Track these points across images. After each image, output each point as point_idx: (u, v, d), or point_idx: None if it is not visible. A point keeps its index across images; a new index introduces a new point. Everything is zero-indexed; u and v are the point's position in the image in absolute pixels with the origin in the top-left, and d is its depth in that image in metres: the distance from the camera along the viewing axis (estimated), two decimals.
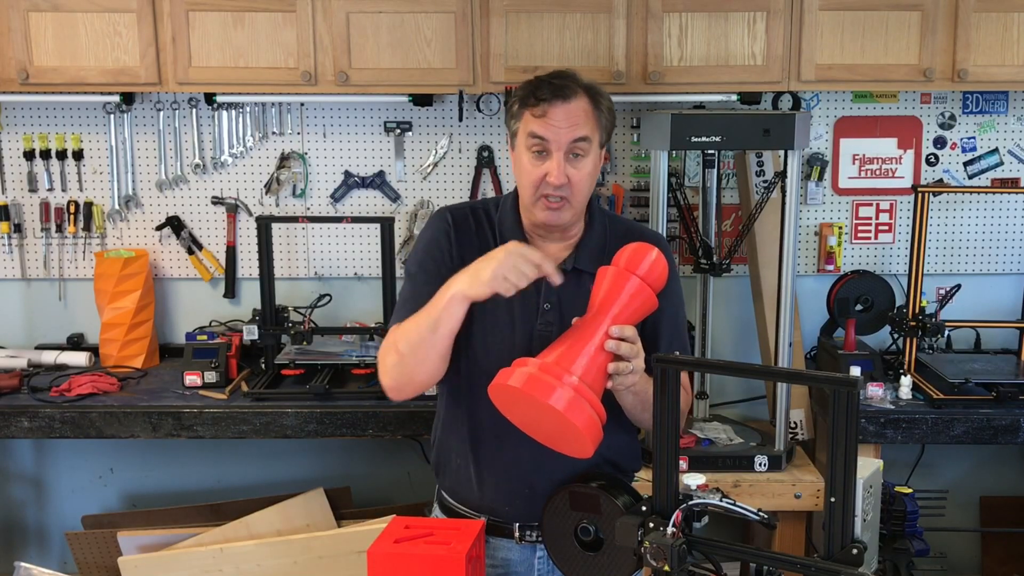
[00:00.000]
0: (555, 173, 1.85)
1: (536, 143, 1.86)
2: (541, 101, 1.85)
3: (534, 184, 1.87)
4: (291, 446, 3.49)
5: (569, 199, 1.88)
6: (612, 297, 1.72)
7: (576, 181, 1.87)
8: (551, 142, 1.85)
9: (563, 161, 1.85)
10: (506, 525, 1.97)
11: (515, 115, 1.92)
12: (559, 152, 1.85)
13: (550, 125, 1.85)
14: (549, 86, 1.87)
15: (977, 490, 3.59)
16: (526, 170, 1.89)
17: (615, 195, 3.33)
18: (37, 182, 3.36)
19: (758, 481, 2.82)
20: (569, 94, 1.86)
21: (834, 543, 1.47)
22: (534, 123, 1.86)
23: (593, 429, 1.65)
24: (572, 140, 1.85)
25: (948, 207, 3.42)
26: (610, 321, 1.70)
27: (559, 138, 1.85)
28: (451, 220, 1.99)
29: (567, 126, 1.85)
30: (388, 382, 1.91)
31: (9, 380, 2.98)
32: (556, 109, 1.85)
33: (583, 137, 1.86)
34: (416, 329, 1.83)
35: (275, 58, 2.95)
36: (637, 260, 1.75)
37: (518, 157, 1.92)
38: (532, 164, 1.87)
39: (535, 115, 1.86)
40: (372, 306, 3.36)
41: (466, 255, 1.94)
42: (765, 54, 2.96)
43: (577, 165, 1.87)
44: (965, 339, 3.42)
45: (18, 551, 3.59)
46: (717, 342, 3.33)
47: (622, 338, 1.69)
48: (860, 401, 1.45)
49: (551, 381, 1.63)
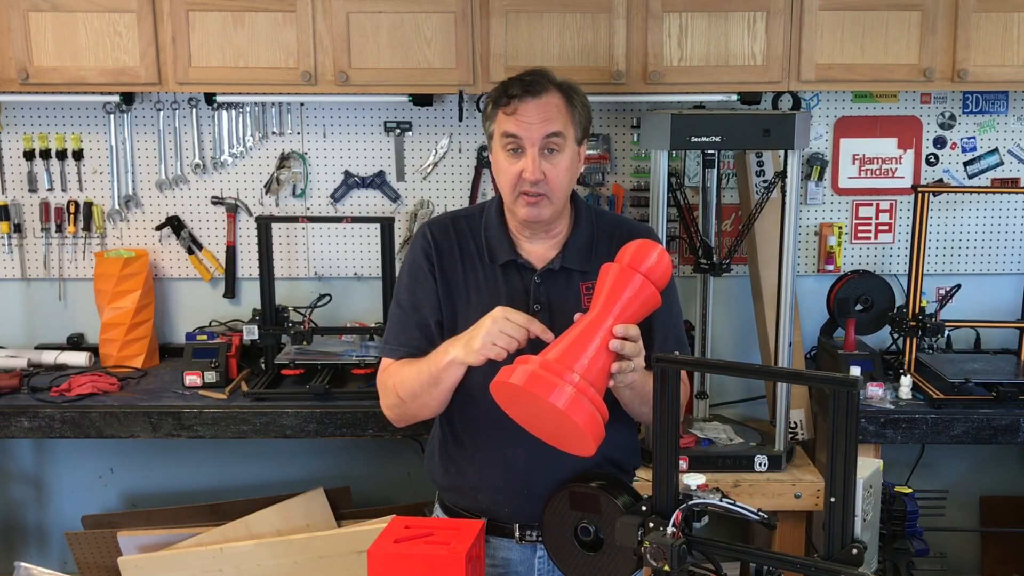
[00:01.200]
0: (530, 169, 1.86)
1: (510, 141, 1.88)
2: (512, 99, 1.87)
3: (512, 182, 1.89)
4: (291, 446, 3.49)
5: (548, 195, 1.89)
6: (616, 295, 1.71)
7: (552, 176, 1.88)
8: (524, 139, 1.86)
9: (538, 157, 1.86)
10: (506, 525, 1.98)
11: (489, 116, 1.93)
12: (532, 148, 1.86)
13: (521, 122, 1.86)
14: (519, 83, 1.88)
15: (977, 490, 3.59)
16: (503, 169, 1.90)
17: (615, 195, 3.33)
18: (37, 182, 3.36)
19: (758, 481, 2.82)
20: (540, 90, 1.87)
21: (834, 543, 1.47)
22: (506, 122, 1.88)
23: (595, 427, 1.65)
24: (545, 135, 1.86)
25: (948, 207, 3.42)
26: (613, 320, 1.69)
27: (531, 134, 1.86)
28: (431, 237, 2.00)
29: (539, 121, 1.86)
30: (390, 415, 2.01)
31: (9, 380, 2.98)
32: (527, 105, 1.86)
33: (556, 132, 1.87)
34: (416, 382, 1.90)
35: (275, 58, 2.95)
36: (641, 257, 1.74)
37: (495, 156, 1.93)
38: (508, 163, 1.89)
39: (507, 113, 1.87)
40: (372, 306, 3.37)
41: (447, 269, 1.97)
42: (765, 54, 2.96)
43: (552, 161, 1.88)
44: (965, 339, 3.42)
45: (18, 551, 3.59)
46: (717, 342, 3.32)
47: (626, 338, 1.69)
48: (860, 401, 1.45)
49: (553, 379, 1.62)
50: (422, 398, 1.91)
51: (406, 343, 1.97)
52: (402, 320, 1.99)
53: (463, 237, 1.99)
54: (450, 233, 2.00)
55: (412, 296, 1.98)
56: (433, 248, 1.98)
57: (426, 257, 1.98)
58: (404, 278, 2.02)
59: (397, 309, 2.01)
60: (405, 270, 2.02)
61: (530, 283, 1.94)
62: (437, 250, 1.98)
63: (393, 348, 1.99)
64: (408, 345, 1.97)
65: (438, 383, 1.87)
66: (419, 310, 1.97)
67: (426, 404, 1.92)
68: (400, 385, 1.93)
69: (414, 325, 1.97)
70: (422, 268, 1.98)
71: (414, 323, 1.97)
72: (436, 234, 2.00)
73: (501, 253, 1.96)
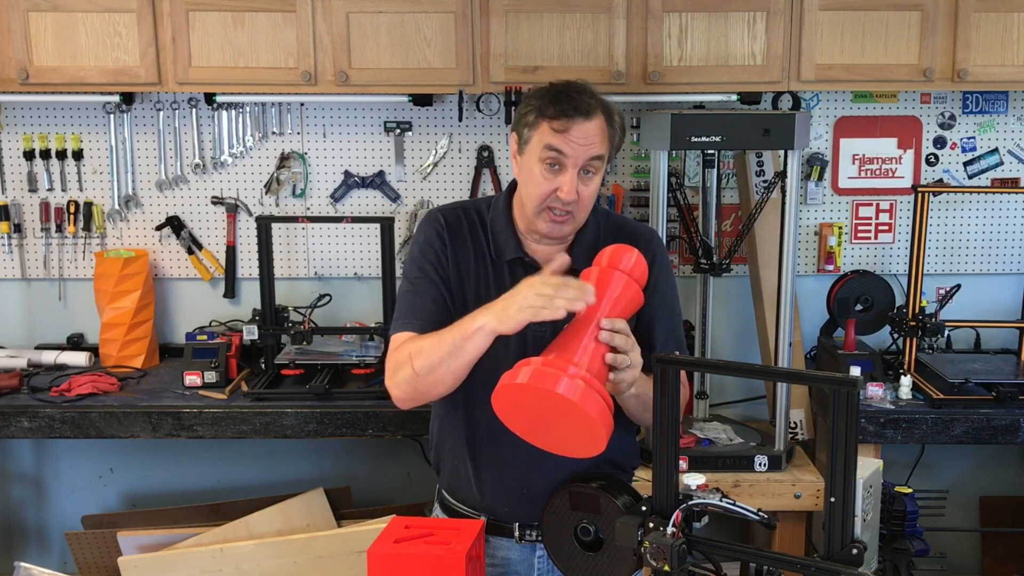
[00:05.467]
0: (567, 190, 1.84)
1: (553, 156, 1.84)
2: (563, 116, 1.83)
3: (542, 196, 1.86)
4: (291, 446, 3.49)
5: (574, 214, 1.88)
6: (599, 294, 1.72)
7: (584, 197, 1.87)
8: (569, 158, 1.84)
9: (575, 177, 1.85)
10: (506, 524, 1.97)
11: (531, 124, 1.88)
12: (574, 169, 1.84)
13: (570, 141, 1.83)
14: (570, 100, 1.84)
15: (977, 490, 3.59)
16: (536, 181, 1.87)
17: (615, 195, 3.33)
18: (37, 182, 3.36)
19: (758, 481, 2.82)
20: (591, 112, 1.84)
21: (834, 543, 1.47)
22: (553, 137, 1.84)
23: (606, 418, 1.64)
24: (588, 158, 1.85)
25: (948, 207, 3.43)
26: (601, 315, 1.71)
27: (577, 155, 1.84)
28: (443, 221, 1.97)
29: (585, 144, 1.84)
30: (398, 393, 1.89)
31: (9, 380, 2.98)
32: (577, 126, 1.83)
33: (598, 156, 1.86)
34: (436, 351, 1.79)
35: (275, 58, 2.95)
36: (619, 257, 1.78)
37: (529, 166, 1.88)
38: (544, 176, 1.86)
39: (555, 128, 1.84)
40: (372, 306, 3.37)
41: (460, 256, 1.95)
42: (765, 54, 2.96)
43: (587, 182, 1.87)
44: (965, 339, 3.42)
45: (18, 551, 3.59)
46: (717, 342, 3.33)
47: (614, 330, 1.69)
48: (860, 401, 1.45)
49: (558, 373, 1.63)
50: (438, 371, 1.80)
51: (422, 316, 1.89)
52: (416, 295, 1.93)
53: (473, 227, 1.98)
54: (461, 220, 1.98)
55: (424, 273, 1.94)
56: (446, 230, 1.96)
57: (438, 236, 1.95)
58: (416, 256, 1.97)
59: (409, 286, 1.95)
60: (416, 250, 1.98)
61: None
62: (450, 232, 1.96)
63: (407, 322, 1.91)
64: (423, 318, 1.89)
65: (461, 353, 1.76)
66: (434, 285, 1.92)
67: (441, 379, 1.81)
68: (417, 355, 1.82)
69: (429, 299, 1.91)
70: (434, 247, 1.95)
71: (429, 297, 1.91)
72: (448, 218, 1.98)
73: (508, 250, 1.95)
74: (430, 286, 1.92)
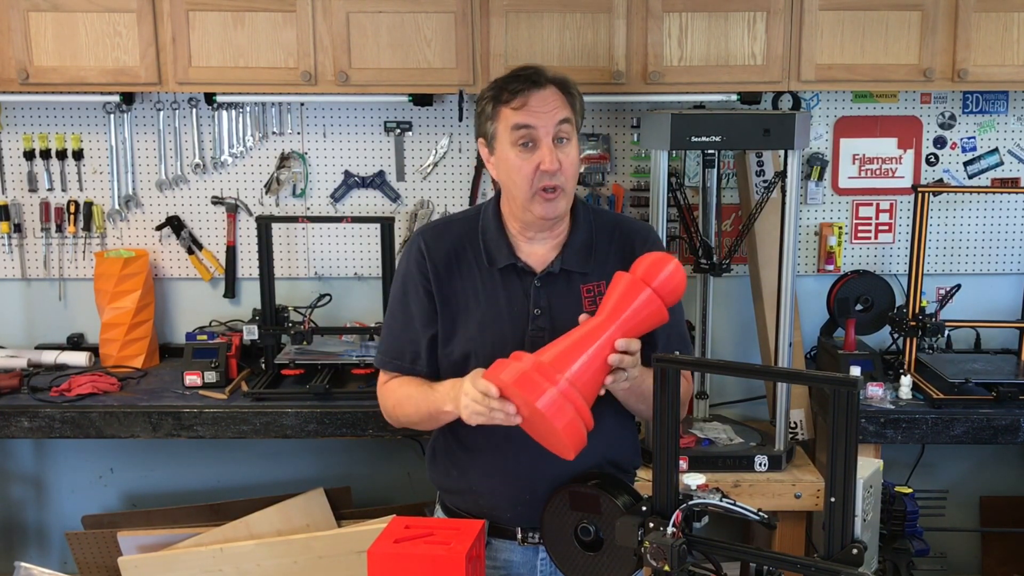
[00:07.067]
0: (548, 158, 1.84)
1: (523, 134, 1.85)
2: (517, 93, 1.85)
3: (528, 178, 1.86)
4: (291, 446, 3.49)
5: (563, 186, 1.88)
6: (622, 306, 1.71)
7: (567, 165, 1.87)
8: (538, 128, 1.85)
9: (552, 146, 1.85)
10: (508, 527, 1.97)
11: (490, 115, 1.90)
12: (547, 137, 1.85)
13: (533, 111, 1.85)
14: (518, 78, 1.88)
15: (977, 490, 3.59)
16: (516, 166, 1.87)
17: (615, 195, 3.33)
18: (37, 182, 3.36)
19: (758, 481, 2.82)
20: (541, 81, 1.87)
21: (834, 543, 1.47)
22: (515, 115, 1.85)
23: (575, 435, 1.65)
24: (557, 122, 1.86)
25: (948, 207, 3.42)
26: (617, 331, 1.69)
27: (544, 123, 1.85)
28: (423, 247, 1.97)
29: (548, 110, 1.85)
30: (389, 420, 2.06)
31: (9, 380, 2.98)
32: (534, 96, 1.85)
33: (566, 119, 1.87)
34: (415, 414, 1.96)
35: (275, 58, 2.95)
36: (654, 271, 1.73)
37: (504, 156, 1.89)
38: (521, 158, 1.86)
39: (514, 107, 1.85)
40: (372, 306, 3.37)
41: (443, 278, 1.96)
42: (765, 54, 2.96)
43: (564, 151, 1.87)
44: (965, 339, 3.42)
45: (18, 551, 3.59)
46: (717, 342, 3.33)
47: (627, 351, 1.69)
48: (860, 401, 1.45)
49: (541, 381, 1.63)
50: (420, 425, 2.01)
51: (397, 356, 2.00)
52: (394, 332, 2.02)
53: (459, 242, 1.97)
54: (444, 240, 1.98)
55: (404, 309, 1.99)
56: (427, 258, 1.96)
57: (419, 270, 1.96)
58: (398, 287, 2.01)
59: (391, 318, 2.03)
60: (399, 279, 2.02)
61: (530, 287, 1.93)
62: (431, 259, 1.96)
63: (385, 360, 2.03)
64: (399, 359, 2.00)
65: (436, 420, 1.94)
66: (410, 325, 1.98)
67: (424, 428, 2.03)
68: (398, 408, 2.00)
69: (406, 340, 1.98)
70: (415, 281, 1.97)
71: (406, 338, 1.98)
72: (430, 242, 1.97)
73: (500, 257, 1.94)
74: (408, 326, 1.99)
